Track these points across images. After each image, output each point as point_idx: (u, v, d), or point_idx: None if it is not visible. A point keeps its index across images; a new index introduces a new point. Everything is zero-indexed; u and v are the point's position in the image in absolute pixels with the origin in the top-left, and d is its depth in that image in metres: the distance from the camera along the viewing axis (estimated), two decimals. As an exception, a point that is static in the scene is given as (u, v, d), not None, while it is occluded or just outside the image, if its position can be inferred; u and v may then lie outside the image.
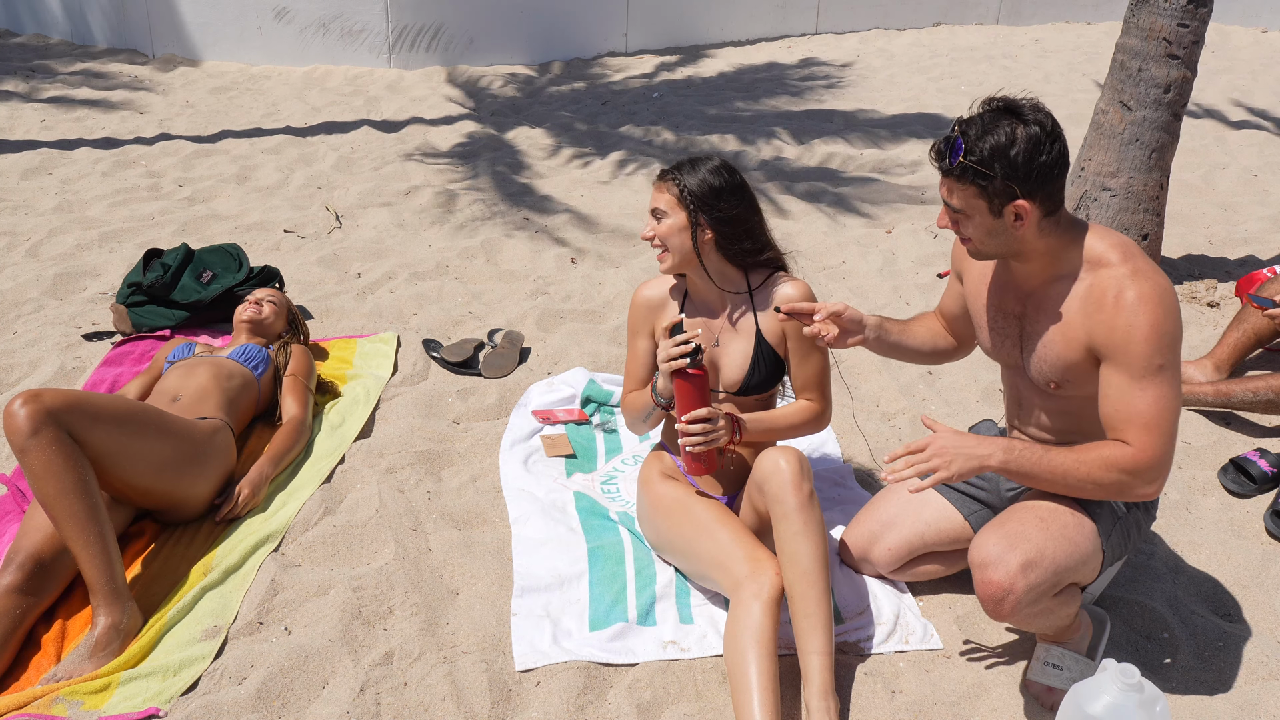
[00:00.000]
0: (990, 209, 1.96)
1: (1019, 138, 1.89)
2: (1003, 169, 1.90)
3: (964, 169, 1.92)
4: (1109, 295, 1.95)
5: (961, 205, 1.99)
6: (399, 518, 2.70)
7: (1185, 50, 3.89)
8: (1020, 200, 1.93)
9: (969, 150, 1.91)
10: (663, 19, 8.63)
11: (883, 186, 5.50)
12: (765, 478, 2.22)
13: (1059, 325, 2.04)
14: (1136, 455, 1.93)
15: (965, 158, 1.91)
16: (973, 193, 1.95)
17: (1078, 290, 2.01)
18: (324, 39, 7.70)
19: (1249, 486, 2.95)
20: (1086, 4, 9.99)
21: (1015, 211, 1.95)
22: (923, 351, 2.47)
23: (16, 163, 5.45)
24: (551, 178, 5.61)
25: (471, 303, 4.07)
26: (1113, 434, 1.97)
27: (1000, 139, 1.89)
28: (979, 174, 1.91)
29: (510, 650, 2.29)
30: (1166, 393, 1.92)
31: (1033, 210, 1.94)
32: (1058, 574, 1.98)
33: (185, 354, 3.10)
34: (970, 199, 1.97)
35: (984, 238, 2.02)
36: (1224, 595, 2.56)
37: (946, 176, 1.98)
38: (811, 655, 2.11)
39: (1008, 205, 1.94)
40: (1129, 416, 1.94)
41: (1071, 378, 2.07)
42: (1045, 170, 1.92)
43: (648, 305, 2.53)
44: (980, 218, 1.98)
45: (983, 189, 1.93)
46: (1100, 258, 2.00)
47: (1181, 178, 5.57)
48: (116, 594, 2.24)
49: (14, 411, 2.21)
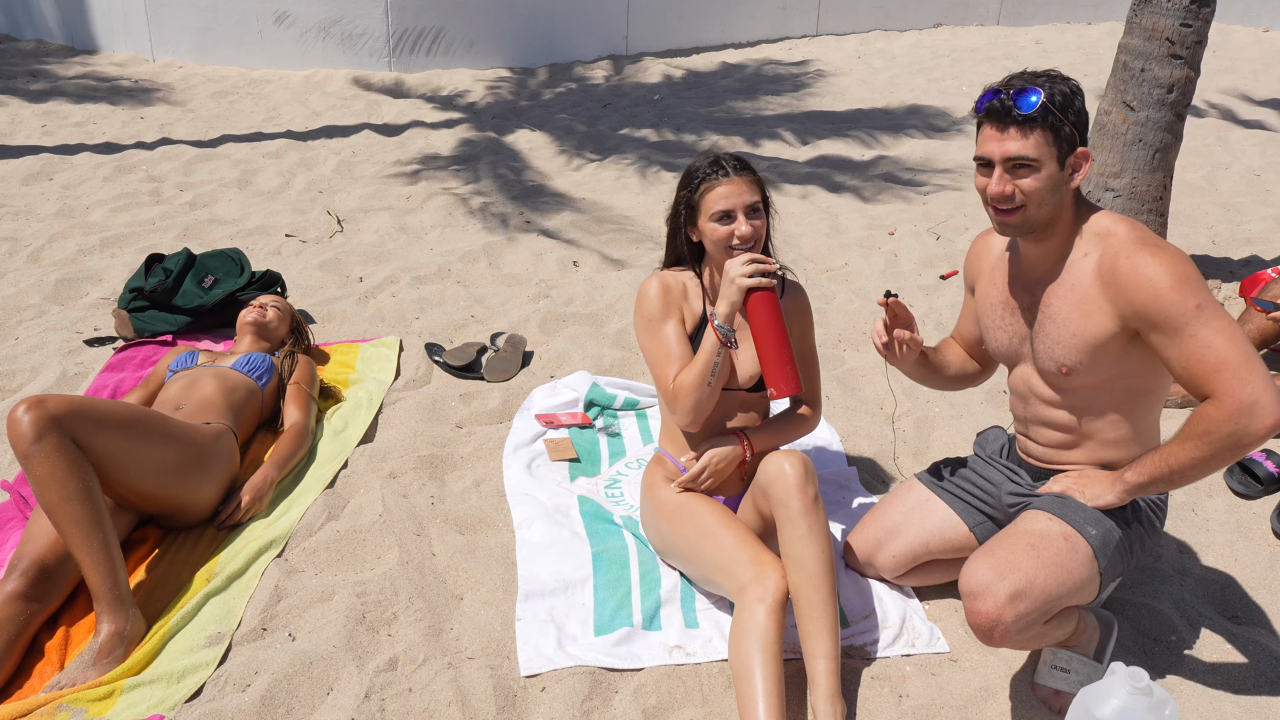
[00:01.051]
0: (1059, 156, 1.99)
1: (1076, 89, 1.99)
2: (1072, 115, 1.98)
3: (1045, 110, 1.95)
4: (1120, 260, 1.96)
5: (1036, 153, 1.98)
6: (402, 523, 2.69)
7: (1188, 50, 3.89)
8: (1082, 148, 2.00)
9: (1050, 95, 1.96)
10: (663, 21, 8.63)
11: (885, 188, 5.49)
12: (770, 481, 2.21)
13: (1074, 301, 2.05)
14: (1224, 401, 1.87)
15: (1048, 100, 1.95)
16: (1049, 139, 1.98)
17: (1087, 264, 2.04)
18: (324, 43, 7.71)
19: (1255, 488, 2.94)
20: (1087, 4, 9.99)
21: (1075, 163, 2.01)
22: (950, 375, 2.48)
23: (17, 168, 5.45)
24: (553, 181, 5.60)
25: (474, 306, 4.06)
26: (1197, 395, 1.93)
27: (1066, 88, 1.98)
28: (1057, 118, 1.96)
29: (515, 655, 2.28)
30: (1217, 327, 1.88)
31: (1089, 161, 2.02)
32: (1048, 603, 1.97)
33: (188, 363, 3.09)
34: (1045, 146, 1.98)
35: (1046, 194, 2.02)
36: (1231, 597, 2.55)
37: (1018, 125, 1.97)
38: (818, 660, 2.10)
39: (1070, 155, 2.00)
40: (1197, 372, 1.90)
41: (1084, 357, 2.05)
42: (1086, 123, 2.01)
43: (669, 290, 2.41)
44: (1050, 167, 2.00)
45: (1057, 134, 1.97)
46: (1107, 230, 2.04)
47: (1184, 178, 5.56)
48: (120, 600, 2.23)
49: (18, 418, 2.20)
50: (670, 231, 2.44)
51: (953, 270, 4.45)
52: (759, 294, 2.21)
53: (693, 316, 2.43)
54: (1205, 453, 1.90)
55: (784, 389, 2.23)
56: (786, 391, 2.23)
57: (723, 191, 2.27)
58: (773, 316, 2.21)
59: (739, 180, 2.28)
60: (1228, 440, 1.87)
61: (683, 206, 2.37)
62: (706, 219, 2.30)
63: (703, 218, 2.31)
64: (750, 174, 2.32)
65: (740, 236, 2.28)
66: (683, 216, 2.38)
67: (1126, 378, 2.07)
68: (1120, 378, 2.07)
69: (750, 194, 2.29)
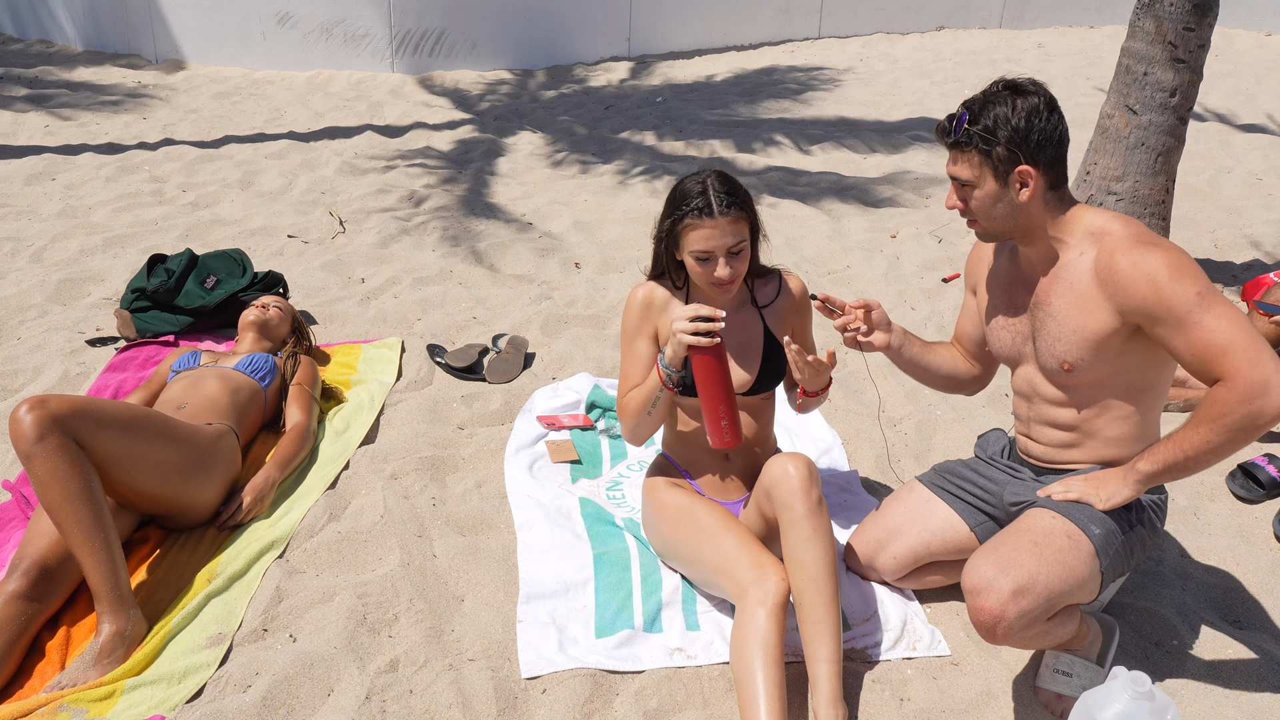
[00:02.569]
0: (996, 175, 2.04)
1: (1019, 106, 2.01)
2: (1005, 134, 2.01)
3: (969, 136, 2.03)
4: (1117, 257, 1.99)
5: (969, 175, 2.07)
6: (404, 524, 2.69)
7: (1191, 54, 3.89)
8: (1024, 165, 2.02)
9: (973, 119, 2.03)
10: (665, 24, 8.63)
11: (886, 190, 5.49)
12: (774, 483, 2.21)
13: (1074, 298, 2.07)
14: (1236, 384, 1.86)
15: (970, 125, 2.02)
16: (978, 160, 2.05)
17: (1084, 262, 2.06)
18: (327, 44, 7.71)
19: (1257, 492, 2.94)
20: (1089, 7, 9.99)
21: (1020, 179, 2.04)
22: (942, 373, 2.48)
23: (20, 168, 5.45)
24: (555, 182, 5.61)
25: (475, 308, 4.06)
26: (1207, 380, 1.94)
27: (1002, 108, 2.01)
28: (983, 139, 2.02)
29: (516, 657, 2.28)
30: (1220, 312, 1.89)
31: (1038, 178, 2.04)
32: (1051, 599, 1.97)
33: (190, 364, 3.09)
34: (976, 167, 2.05)
35: (990, 209, 2.08)
36: (1233, 602, 2.55)
37: (953, 149, 2.08)
38: (819, 663, 2.09)
39: (1012, 172, 2.03)
40: (1206, 357, 1.90)
41: (1086, 354, 2.06)
42: (1045, 137, 2.02)
43: (650, 305, 2.41)
44: (986, 185, 2.06)
45: (987, 155, 2.03)
46: (1102, 229, 2.06)
47: (1187, 182, 5.56)
48: (121, 601, 2.23)
49: (20, 417, 2.20)
50: (656, 249, 2.41)
51: (955, 274, 4.45)
52: (698, 354, 2.18)
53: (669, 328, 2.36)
54: (1221, 437, 1.90)
55: (716, 442, 2.28)
56: (720, 445, 2.29)
57: (704, 234, 2.21)
58: (709, 374, 2.20)
59: (721, 222, 2.20)
60: (1243, 422, 1.87)
61: (665, 233, 2.32)
62: (687, 253, 2.27)
63: (683, 251, 2.28)
64: (736, 210, 2.22)
65: (717, 279, 2.25)
66: (665, 243, 2.34)
67: (1128, 373, 2.09)
68: (1122, 373, 2.09)
69: (732, 236, 2.22)
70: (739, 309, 2.44)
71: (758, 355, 2.42)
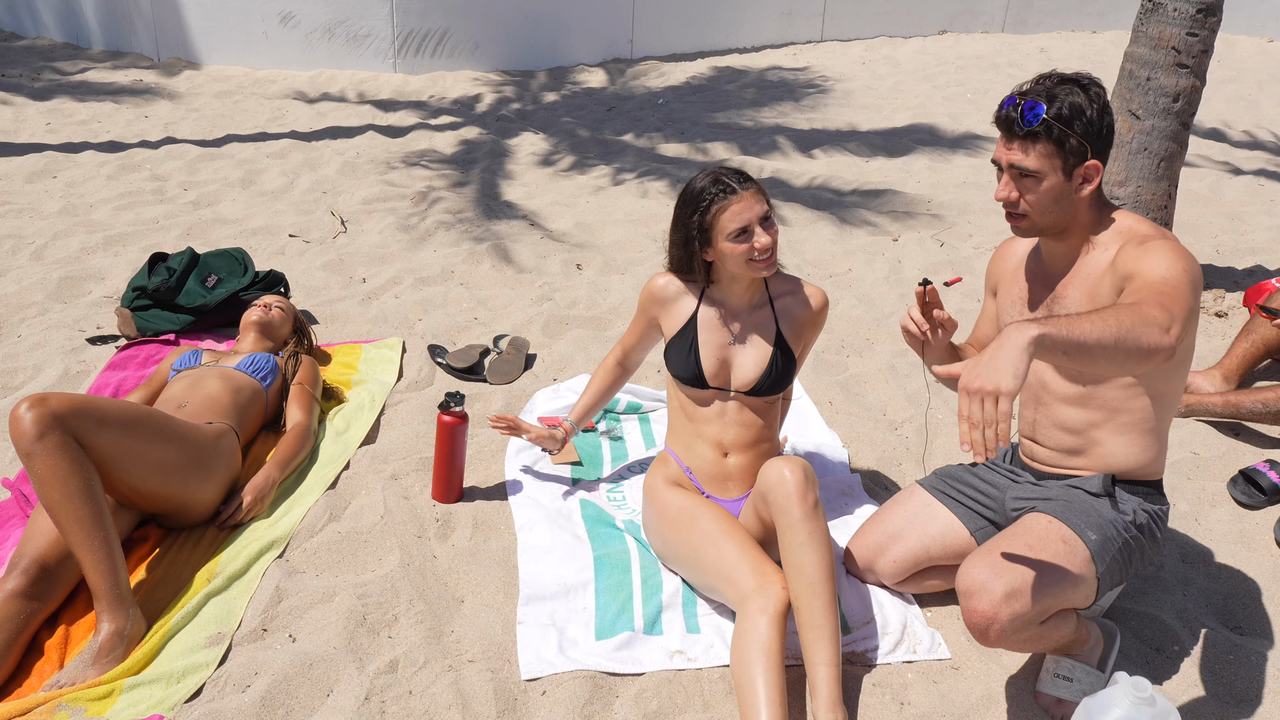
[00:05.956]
0: (1064, 168, 2.02)
1: (1093, 98, 2.00)
2: (1081, 127, 1.99)
3: (1047, 126, 1.98)
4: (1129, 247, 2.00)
5: (1037, 166, 2.02)
6: (404, 524, 2.68)
7: (1194, 59, 3.88)
8: (1092, 160, 2.01)
9: (1058, 109, 1.98)
10: (668, 26, 8.63)
11: (888, 194, 5.49)
12: (770, 488, 2.21)
13: (1086, 289, 2.08)
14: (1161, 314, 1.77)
15: (1049, 114, 1.98)
16: (1050, 151, 2.01)
17: (1104, 259, 2.07)
18: (329, 44, 7.71)
19: (1258, 498, 2.93)
20: (1092, 12, 9.99)
21: (1085, 174, 2.03)
22: None
23: (21, 166, 5.45)
24: (556, 183, 5.60)
25: (477, 308, 4.06)
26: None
27: (1078, 99, 1.99)
28: (1062, 132, 1.98)
29: (516, 659, 2.27)
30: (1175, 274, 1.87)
31: (1101, 173, 2.03)
32: (1043, 603, 1.96)
33: (191, 363, 3.08)
34: (1047, 158, 2.02)
35: (1049, 204, 2.06)
36: (1234, 607, 2.55)
37: (1020, 139, 2.02)
38: (819, 667, 2.09)
39: (1079, 167, 2.02)
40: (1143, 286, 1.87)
41: None
42: (1110, 134, 2.02)
43: (661, 297, 2.55)
44: (1052, 179, 2.03)
45: (1060, 147, 2.00)
46: (1130, 229, 2.07)
47: (1189, 187, 5.56)
48: (120, 600, 2.22)
49: (20, 415, 2.20)
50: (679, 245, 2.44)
51: (957, 277, 4.44)
52: (441, 421, 2.65)
53: (680, 317, 2.53)
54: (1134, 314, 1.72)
55: (436, 496, 2.79)
56: (439, 500, 2.78)
57: (736, 210, 2.30)
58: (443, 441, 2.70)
59: (746, 195, 2.30)
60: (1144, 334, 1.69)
61: (695, 231, 2.36)
62: (723, 239, 2.32)
63: (719, 239, 2.33)
64: (754, 184, 2.34)
65: (761, 248, 2.32)
66: (696, 243, 2.37)
67: (1140, 377, 2.08)
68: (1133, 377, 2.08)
69: (760, 205, 2.32)
70: (754, 309, 2.45)
71: (764, 358, 2.43)
